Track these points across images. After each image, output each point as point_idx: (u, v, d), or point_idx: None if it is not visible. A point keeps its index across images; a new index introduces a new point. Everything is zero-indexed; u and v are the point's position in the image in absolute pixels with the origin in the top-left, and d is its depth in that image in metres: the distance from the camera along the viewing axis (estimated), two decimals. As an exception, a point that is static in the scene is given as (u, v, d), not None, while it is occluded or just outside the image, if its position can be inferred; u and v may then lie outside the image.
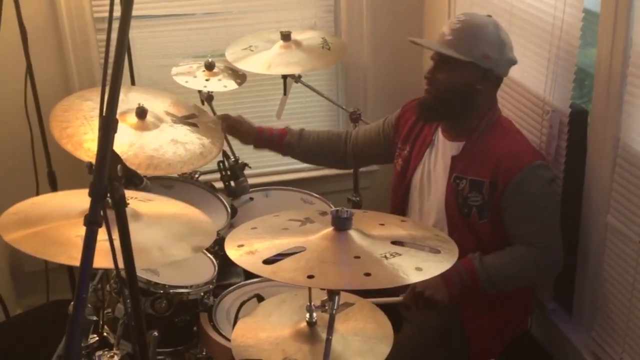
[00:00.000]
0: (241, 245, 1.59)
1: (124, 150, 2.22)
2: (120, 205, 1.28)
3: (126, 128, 2.31)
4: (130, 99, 2.42)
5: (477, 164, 2.17)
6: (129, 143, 2.27)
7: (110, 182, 1.21)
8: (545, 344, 2.49)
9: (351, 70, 3.26)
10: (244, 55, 2.73)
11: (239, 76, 2.77)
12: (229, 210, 2.50)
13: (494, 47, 2.14)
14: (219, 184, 2.72)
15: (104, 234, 1.22)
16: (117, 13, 1.22)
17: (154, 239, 1.58)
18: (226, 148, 2.62)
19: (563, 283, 2.38)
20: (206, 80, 2.70)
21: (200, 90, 2.73)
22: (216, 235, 1.98)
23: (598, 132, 2.12)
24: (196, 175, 2.73)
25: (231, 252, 1.58)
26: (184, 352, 2.15)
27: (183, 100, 2.62)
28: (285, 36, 2.74)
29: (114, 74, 1.20)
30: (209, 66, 2.73)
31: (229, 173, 2.67)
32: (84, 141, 2.23)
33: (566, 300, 2.41)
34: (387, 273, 1.47)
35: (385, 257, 1.51)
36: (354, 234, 1.57)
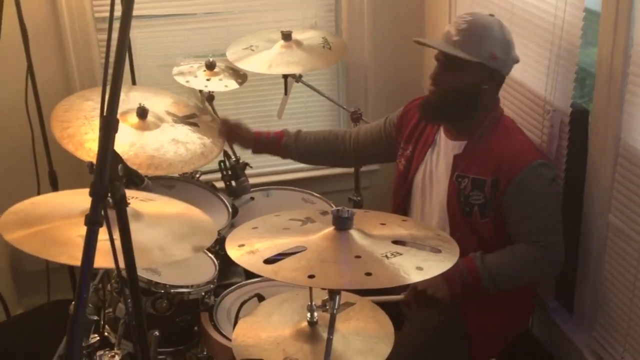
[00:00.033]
0: (242, 245, 1.59)
1: (124, 150, 2.22)
2: (121, 205, 1.28)
3: (127, 128, 2.31)
4: (131, 99, 2.43)
5: (479, 163, 2.17)
6: (130, 143, 2.27)
7: (111, 182, 1.21)
8: (546, 343, 2.49)
9: (352, 70, 3.26)
10: (245, 55, 2.73)
11: (240, 76, 2.77)
12: (230, 210, 2.50)
13: (501, 47, 2.14)
14: (220, 184, 2.72)
15: (104, 233, 1.22)
16: (118, 13, 1.22)
17: (155, 238, 1.58)
18: (227, 148, 2.62)
19: (564, 282, 2.38)
20: (207, 80, 2.71)
21: (201, 90, 2.73)
22: (217, 234, 1.98)
23: (599, 132, 2.12)
24: (197, 175, 2.73)
25: (232, 252, 1.58)
26: (184, 352, 2.15)
27: (187, 99, 2.64)
28: (286, 36, 2.74)
29: (114, 73, 1.20)
30: (210, 66, 2.73)
31: (230, 173, 2.67)
32: (85, 141, 2.24)
33: (567, 299, 2.41)
34: (388, 273, 1.47)
35: (386, 257, 1.51)
36: (354, 233, 1.57)
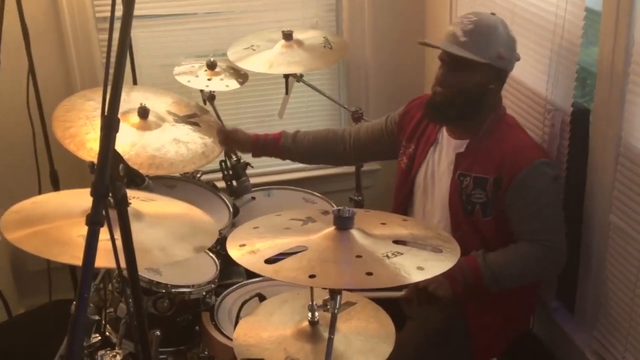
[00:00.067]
0: (243, 245, 1.59)
1: (126, 150, 2.23)
2: (122, 204, 1.28)
3: (128, 128, 2.32)
4: (132, 99, 2.43)
5: (481, 162, 2.17)
6: (131, 142, 2.28)
7: (112, 182, 1.22)
8: (547, 343, 2.49)
9: (353, 69, 3.26)
10: (246, 55, 2.73)
11: (241, 76, 2.77)
12: (231, 210, 2.50)
13: (507, 47, 2.14)
14: (221, 184, 2.72)
15: (106, 233, 1.22)
16: (119, 13, 1.22)
17: (156, 238, 1.58)
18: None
19: (565, 282, 2.38)
20: (208, 79, 2.71)
21: (202, 90, 2.73)
22: (218, 234, 1.98)
23: (600, 131, 2.12)
24: (198, 175, 2.73)
25: (233, 252, 1.58)
26: (186, 352, 2.15)
27: (190, 99, 2.65)
28: (287, 35, 2.74)
29: (115, 73, 1.21)
30: (211, 66, 2.73)
31: (231, 172, 2.67)
32: (86, 141, 2.24)
33: (569, 299, 2.41)
34: (389, 272, 1.47)
35: (387, 257, 1.51)
36: (355, 233, 1.57)
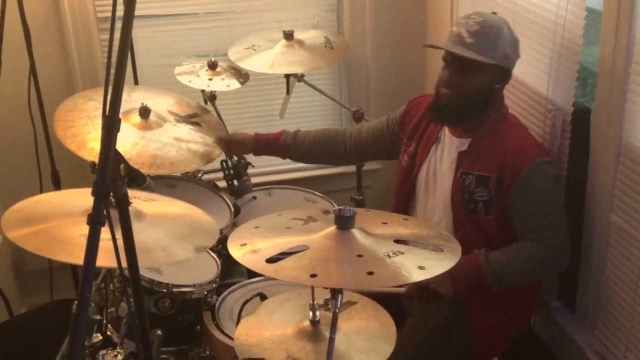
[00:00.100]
0: (244, 244, 1.59)
1: (127, 150, 2.23)
2: (123, 204, 1.28)
3: (129, 127, 2.32)
4: (134, 99, 2.43)
5: (484, 160, 2.17)
6: (132, 142, 2.28)
7: (113, 182, 1.22)
8: (548, 342, 2.48)
9: (354, 69, 3.26)
10: (247, 55, 2.74)
11: (242, 75, 2.78)
12: (232, 209, 2.50)
13: (512, 47, 2.14)
14: (222, 183, 2.72)
15: (107, 232, 1.22)
16: (120, 13, 1.22)
17: (157, 238, 1.58)
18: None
19: (566, 281, 2.38)
20: (209, 79, 2.71)
21: (203, 90, 2.73)
22: (219, 234, 1.98)
23: (601, 131, 2.12)
24: (199, 174, 2.73)
25: (234, 251, 1.58)
26: (187, 351, 2.15)
27: (191, 99, 2.65)
28: (288, 35, 2.74)
29: (117, 73, 1.21)
30: (212, 65, 2.73)
31: (232, 172, 2.67)
32: (88, 141, 2.24)
33: (570, 298, 2.41)
34: (390, 272, 1.47)
35: (388, 256, 1.51)
36: (356, 232, 1.57)
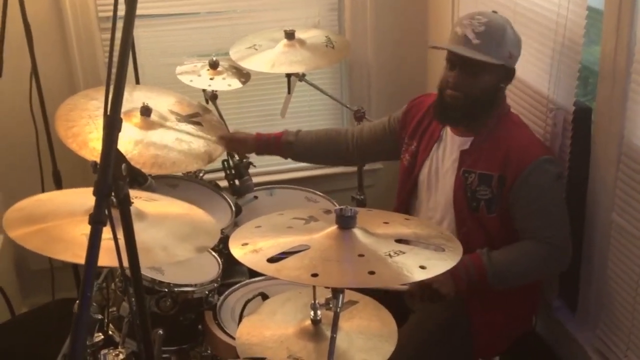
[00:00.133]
0: (245, 244, 1.59)
1: (128, 149, 2.23)
2: (125, 204, 1.28)
3: (131, 127, 2.32)
4: (135, 98, 2.43)
5: (486, 158, 2.17)
6: (134, 142, 2.28)
7: (115, 181, 1.22)
8: (549, 342, 2.49)
9: (355, 69, 3.26)
10: (248, 54, 2.73)
11: (243, 75, 2.77)
12: (234, 209, 2.50)
13: (516, 46, 2.15)
14: (223, 183, 2.72)
15: (108, 232, 1.22)
16: (122, 12, 1.22)
17: (158, 238, 1.58)
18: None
19: (568, 281, 2.38)
20: (210, 79, 2.71)
21: (204, 89, 2.74)
22: (220, 233, 1.98)
23: (602, 130, 2.12)
24: (200, 174, 2.73)
25: (235, 251, 1.58)
26: (189, 351, 2.15)
27: (192, 98, 2.65)
28: (289, 35, 2.74)
29: (118, 73, 1.21)
30: (213, 65, 2.73)
31: (233, 171, 2.68)
32: (89, 140, 2.24)
33: (571, 298, 2.41)
34: (391, 271, 1.47)
35: (389, 256, 1.51)
36: (358, 232, 1.57)
